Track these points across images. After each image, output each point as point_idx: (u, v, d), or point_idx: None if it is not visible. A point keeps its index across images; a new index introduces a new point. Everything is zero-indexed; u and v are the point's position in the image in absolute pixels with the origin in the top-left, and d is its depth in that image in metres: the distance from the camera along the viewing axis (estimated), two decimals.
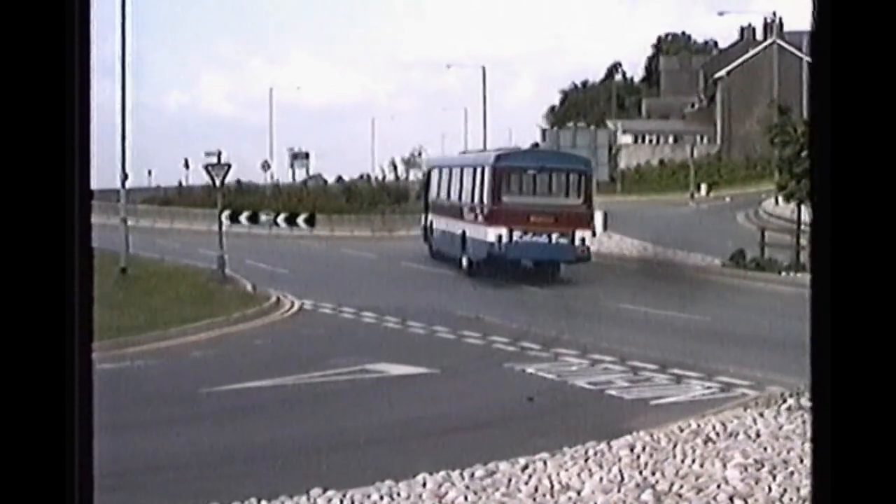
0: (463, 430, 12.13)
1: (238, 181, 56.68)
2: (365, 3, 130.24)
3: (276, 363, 16.73)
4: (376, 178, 66.58)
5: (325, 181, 68.39)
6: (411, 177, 68.77)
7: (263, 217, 48.16)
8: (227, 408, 13.67)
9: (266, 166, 63.81)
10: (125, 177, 30.16)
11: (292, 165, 67.94)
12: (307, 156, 68.87)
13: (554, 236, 26.65)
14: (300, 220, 47.07)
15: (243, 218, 48.83)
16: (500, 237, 26.40)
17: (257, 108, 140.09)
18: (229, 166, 28.76)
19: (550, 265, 27.17)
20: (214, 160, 28.60)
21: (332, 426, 12.58)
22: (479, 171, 28.08)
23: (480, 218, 27.35)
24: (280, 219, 48.30)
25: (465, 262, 28.41)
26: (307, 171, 68.88)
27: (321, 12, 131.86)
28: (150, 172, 73.18)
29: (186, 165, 64.65)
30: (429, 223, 32.51)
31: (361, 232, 45.97)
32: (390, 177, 66.09)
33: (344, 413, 13.42)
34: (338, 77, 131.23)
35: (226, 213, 36.17)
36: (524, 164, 27.92)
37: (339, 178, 70.36)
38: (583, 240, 26.97)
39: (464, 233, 28.45)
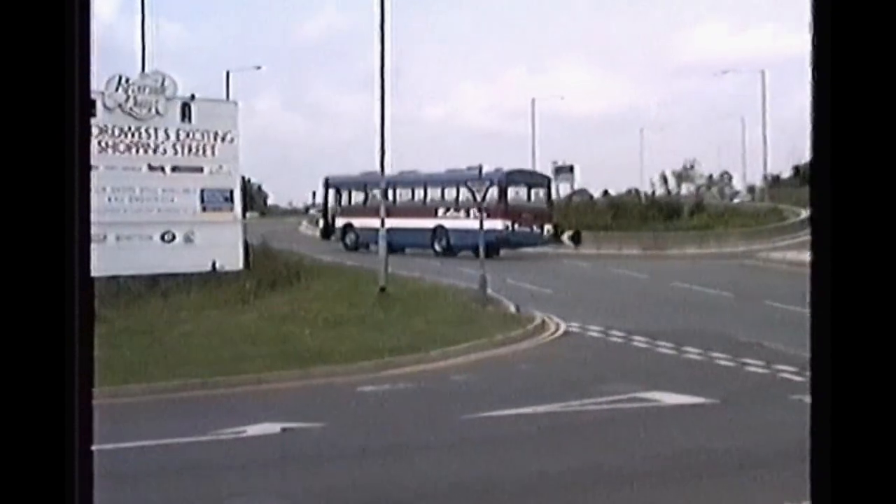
0: (747, 468, 11.60)
1: None
2: (631, 7, 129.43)
3: (540, 389, 16.60)
4: (645, 193, 65.89)
5: (591, 196, 68.20)
6: (683, 191, 67.57)
7: None
8: (488, 436, 13.60)
9: None
10: (385, 192, 31.01)
11: (556, 179, 68.06)
12: (571, 169, 68.86)
13: (533, 227, 43.77)
14: (565, 237, 47.07)
15: None
16: (507, 226, 42.28)
17: (518, 119, 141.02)
18: (491, 181, 29.06)
19: (527, 245, 43.77)
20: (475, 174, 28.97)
21: (600, 458, 12.30)
22: (487, 183, 43.19)
23: (482, 215, 40.70)
24: None
25: (437, 247, 43.59)
26: (571, 186, 68.91)
27: (584, 18, 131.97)
28: None
29: None
30: (343, 224, 47.42)
31: (630, 250, 45.50)
32: (660, 191, 65.36)
33: (613, 444, 13.12)
34: (603, 85, 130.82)
35: None
36: (517, 180, 45.25)
37: (606, 193, 70.04)
38: (548, 230, 44.97)
39: (439, 226, 43.84)
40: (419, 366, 18.70)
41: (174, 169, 28.38)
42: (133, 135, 27.71)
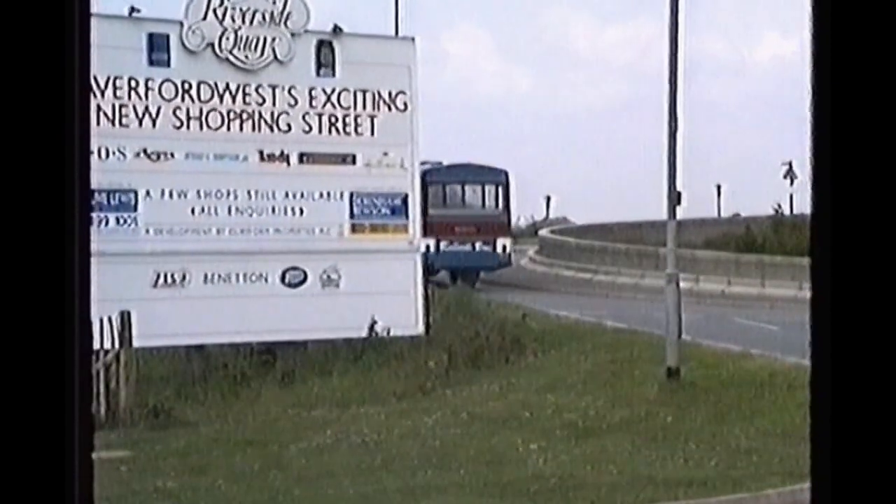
0: None
1: None
2: None
3: None
4: None
5: None
6: None
7: None
8: None
9: None
10: (676, 198, 29.51)
11: None
12: None
13: (476, 244, 51.63)
14: None
15: None
16: (427, 246, 46.40)
17: None
18: None
19: (472, 271, 52.66)
20: None
21: None
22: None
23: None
24: None
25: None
26: None
27: None
28: (719, 190, 74.00)
29: (790, 174, 64.60)
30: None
31: None
32: None
33: None
34: None
35: None
36: (446, 178, 52.26)
37: None
38: (504, 247, 52.82)
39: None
40: None
41: (304, 158, 28.69)
42: (234, 98, 28.05)
